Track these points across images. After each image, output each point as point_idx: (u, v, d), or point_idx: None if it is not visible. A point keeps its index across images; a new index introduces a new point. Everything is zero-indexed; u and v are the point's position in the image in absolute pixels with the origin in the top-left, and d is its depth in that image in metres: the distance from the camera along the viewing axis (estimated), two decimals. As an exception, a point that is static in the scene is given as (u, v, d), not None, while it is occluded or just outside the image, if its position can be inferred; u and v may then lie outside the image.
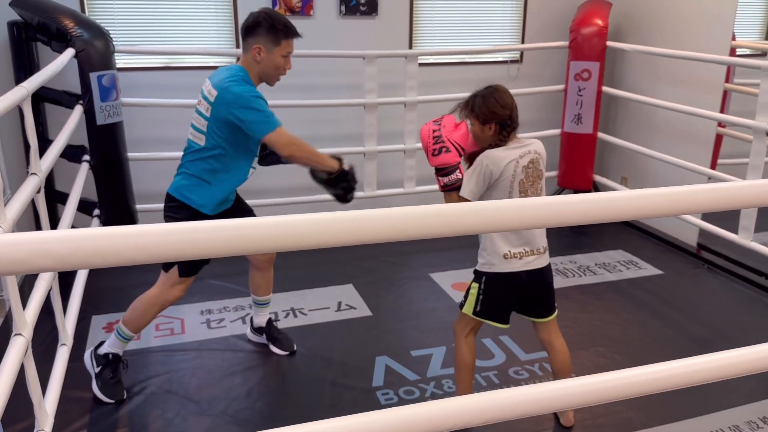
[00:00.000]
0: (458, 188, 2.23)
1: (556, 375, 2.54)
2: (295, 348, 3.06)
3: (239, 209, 2.77)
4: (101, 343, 2.73)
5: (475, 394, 1.31)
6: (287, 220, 0.92)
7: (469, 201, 2.20)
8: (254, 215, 2.80)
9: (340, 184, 2.55)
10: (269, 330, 3.09)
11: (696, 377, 1.47)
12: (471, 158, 2.31)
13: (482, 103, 2.27)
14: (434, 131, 2.23)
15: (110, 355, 2.67)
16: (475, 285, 2.38)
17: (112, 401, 2.64)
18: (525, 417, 1.36)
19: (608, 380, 1.42)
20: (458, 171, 2.21)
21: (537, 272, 2.36)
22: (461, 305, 2.44)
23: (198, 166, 2.54)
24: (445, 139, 2.20)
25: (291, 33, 2.50)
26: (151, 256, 0.76)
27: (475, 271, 2.41)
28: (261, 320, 3.10)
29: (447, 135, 2.21)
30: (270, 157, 2.74)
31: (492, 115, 2.25)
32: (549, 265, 2.44)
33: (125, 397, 2.66)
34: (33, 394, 1.79)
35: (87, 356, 2.75)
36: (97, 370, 2.68)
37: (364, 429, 1.19)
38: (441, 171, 2.22)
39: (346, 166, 2.55)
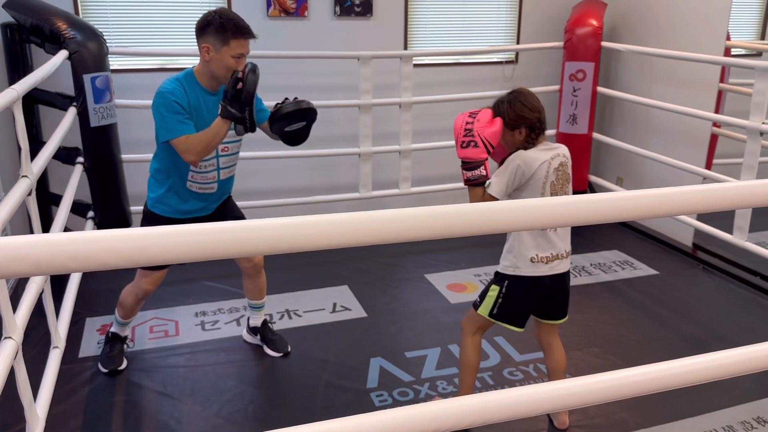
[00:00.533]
0: (481, 184, 2.22)
1: (552, 376, 2.55)
2: (289, 350, 3.06)
3: (224, 218, 2.77)
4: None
5: (469, 396, 1.30)
6: (273, 223, 0.92)
7: (497, 199, 2.20)
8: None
9: (240, 111, 2.45)
10: (264, 331, 3.10)
11: (690, 377, 1.47)
12: (503, 159, 2.31)
13: (509, 109, 2.25)
14: (467, 123, 2.20)
15: (110, 334, 2.97)
16: (496, 288, 2.35)
17: (105, 370, 2.86)
18: (520, 418, 1.36)
19: (603, 381, 1.42)
20: (483, 167, 2.19)
21: (560, 276, 2.35)
22: (475, 305, 2.42)
23: (152, 164, 2.68)
24: (476, 134, 2.17)
25: (240, 33, 2.45)
26: (127, 260, 0.76)
27: (497, 273, 2.37)
28: (256, 321, 3.12)
29: (479, 129, 2.18)
30: (279, 123, 2.63)
31: (521, 119, 2.24)
32: (569, 270, 2.41)
33: (118, 369, 2.87)
34: (23, 397, 1.78)
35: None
36: (103, 345, 2.99)
37: (358, 431, 1.19)
38: (466, 164, 2.20)
39: (231, 109, 2.44)
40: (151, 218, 2.70)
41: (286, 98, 2.67)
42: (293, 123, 2.62)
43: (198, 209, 2.70)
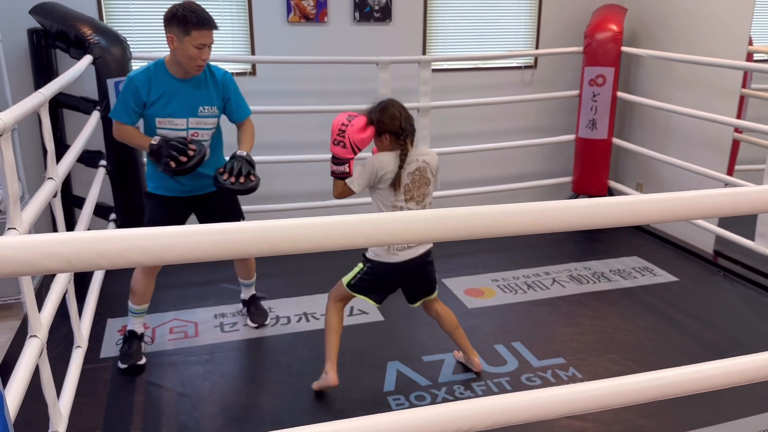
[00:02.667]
0: (342, 178, 2.57)
1: (451, 336, 2.90)
2: (266, 322, 3.32)
3: (214, 205, 3.00)
4: None
5: (486, 398, 1.31)
6: (292, 223, 0.94)
7: (354, 192, 2.58)
8: (237, 214, 3.12)
9: (162, 158, 2.65)
10: (249, 305, 3.39)
11: (709, 383, 1.47)
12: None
13: (375, 118, 2.54)
14: (343, 125, 2.50)
15: (128, 332, 3.05)
16: (360, 265, 2.69)
17: (123, 366, 2.93)
18: (537, 421, 1.36)
19: (620, 385, 1.42)
20: (347, 165, 2.53)
21: (418, 258, 2.64)
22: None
23: None
24: (347, 136, 2.48)
25: (200, 24, 2.61)
26: (154, 258, 0.78)
27: (363, 255, 2.69)
28: (245, 296, 3.42)
29: (350, 133, 2.48)
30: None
31: (383, 126, 2.52)
32: (430, 249, 2.71)
33: (137, 363, 2.93)
34: (47, 395, 1.82)
35: None
36: (121, 344, 3.08)
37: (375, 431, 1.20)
38: (334, 159, 2.54)
39: (154, 141, 2.68)
40: (146, 195, 3.01)
41: (235, 159, 2.76)
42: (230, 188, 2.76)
43: (181, 190, 2.91)
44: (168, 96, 2.73)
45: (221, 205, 2.99)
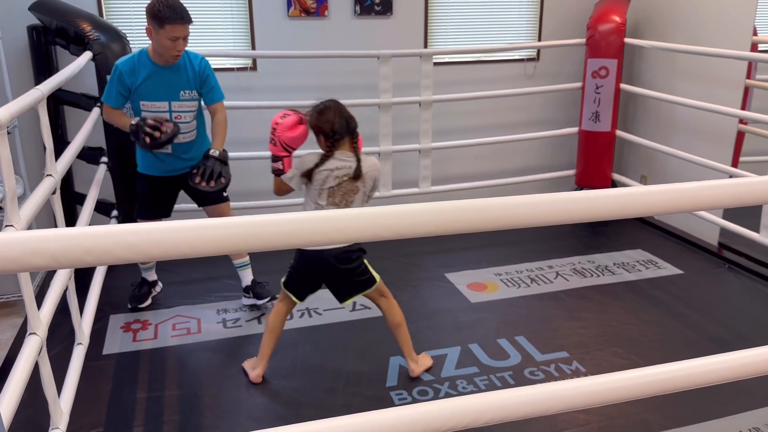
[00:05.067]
0: (278, 175, 2.66)
1: (393, 333, 2.85)
2: (270, 297, 3.41)
3: (171, 186, 3.26)
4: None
5: (488, 393, 1.30)
6: (286, 218, 0.92)
7: (292, 188, 2.65)
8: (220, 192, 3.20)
9: (140, 135, 2.90)
10: (253, 287, 3.45)
11: (714, 377, 1.45)
12: None
13: (310, 119, 2.60)
14: (276, 123, 2.61)
15: (141, 279, 3.49)
16: (293, 261, 2.72)
17: (129, 306, 3.40)
18: (540, 416, 1.35)
19: (623, 379, 1.40)
20: (281, 162, 2.64)
21: (338, 251, 2.63)
22: None
23: None
24: (276, 136, 2.60)
25: (173, 19, 2.81)
26: (142, 254, 0.77)
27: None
28: (246, 281, 3.46)
29: (279, 132, 2.60)
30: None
31: (316, 128, 2.58)
32: (349, 248, 2.68)
33: (139, 306, 3.41)
34: (48, 392, 1.81)
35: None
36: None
37: (372, 427, 1.19)
38: (271, 157, 2.65)
39: (134, 121, 2.94)
40: (136, 175, 3.26)
41: (207, 159, 3.05)
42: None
43: (166, 169, 3.16)
44: (151, 81, 2.96)
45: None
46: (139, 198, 3.30)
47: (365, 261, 2.73)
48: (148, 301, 3.43)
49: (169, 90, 3.00)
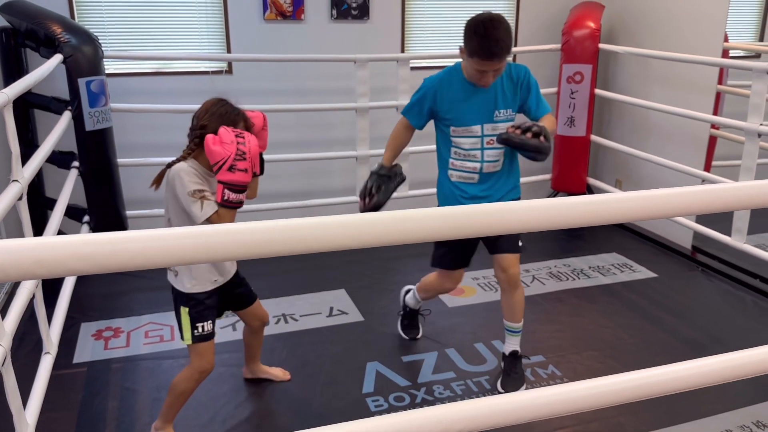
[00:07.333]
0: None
1: (252, 350, 2.76)
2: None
3: None
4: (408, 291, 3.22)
5: (464, 401, 1.28)
6: (267, 225, 0.90)
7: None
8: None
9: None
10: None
11: (689, 382, 1.45)
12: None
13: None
14: (240, 143, 2.08)
15: (407, 308, 3.22)
16: (185, 308, 2.30)
17: (406, 337, 3.23)
18: (513, 424, 1.34)
19: (599, 386, 1.40)
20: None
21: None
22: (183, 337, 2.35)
23: None
24: (250, 157, 2.11)
25: (484, 56, 2.42)
26: (95, 265, 0.74)
27: (180, 297, 2.32)
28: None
29: (254, 151, 2.12)
30: None
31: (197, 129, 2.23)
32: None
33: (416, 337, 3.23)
34: (12, 404, 1.76)
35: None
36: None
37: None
38: (235, 188, 2.12)
39: (376, 166, 2.73)
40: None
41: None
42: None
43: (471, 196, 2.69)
44: (460, 99, 2.57)
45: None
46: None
47: None
48: (420, 332, 3.23)
49: (482, 111, 2.61)
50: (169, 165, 2.18)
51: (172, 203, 2.17)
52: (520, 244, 2.75)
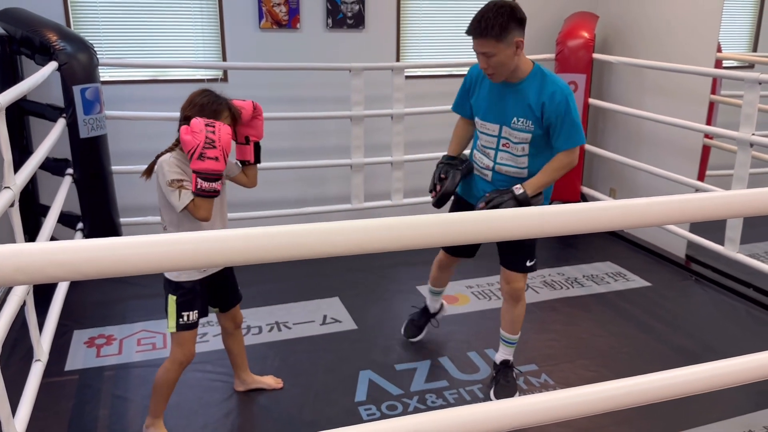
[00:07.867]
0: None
1: (236, 358, 2.74)
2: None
3: None
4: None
5: (457, 408, 1.28)
6: (263, 231, 0.90)
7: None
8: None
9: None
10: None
11: (682, 389, 1.45)
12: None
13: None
14: (210, 131, 2.13)
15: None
16: (173, 297, 2.32)
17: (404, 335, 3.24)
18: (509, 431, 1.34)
19: (592, 393, 1.40)
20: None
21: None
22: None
23: None
24: (221, 144, 2.15)
25: (468, 31, 2.58)
26: (75, 272, 0.74)
27: (170, 285, 2.33)
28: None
29: (225, 140, 2.15)
30: None
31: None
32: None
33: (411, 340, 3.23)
34: (1, 411, 1.75)
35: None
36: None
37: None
38: (208, 176, 2.18)
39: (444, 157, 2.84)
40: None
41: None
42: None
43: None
44: (487, 92, 2.60)
45: None
46: None
47: None
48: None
49: (502, 112, 2.59)
50: (158, 156, 2.26)
51: (160, 193, 2.25)
52: (530, 264, 2.76)
